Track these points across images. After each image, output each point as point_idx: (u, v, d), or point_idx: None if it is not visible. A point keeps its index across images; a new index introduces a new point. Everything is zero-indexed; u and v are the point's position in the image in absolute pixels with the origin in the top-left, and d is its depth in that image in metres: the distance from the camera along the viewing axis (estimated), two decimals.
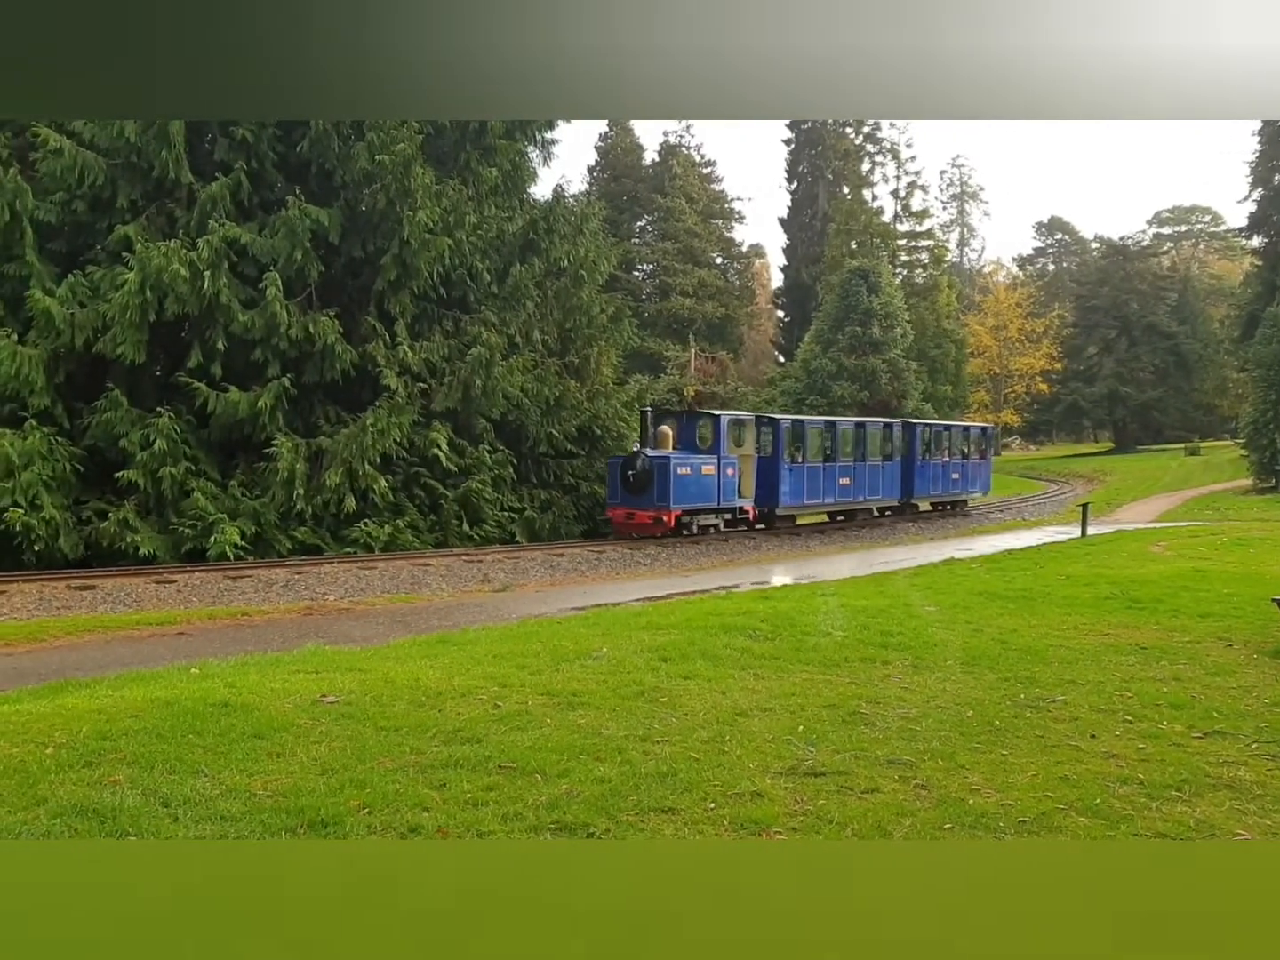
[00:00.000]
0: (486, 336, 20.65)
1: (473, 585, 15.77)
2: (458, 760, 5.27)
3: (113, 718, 6.00)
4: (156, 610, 12.44)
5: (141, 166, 18.09)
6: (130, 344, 16.85)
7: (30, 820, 4.34)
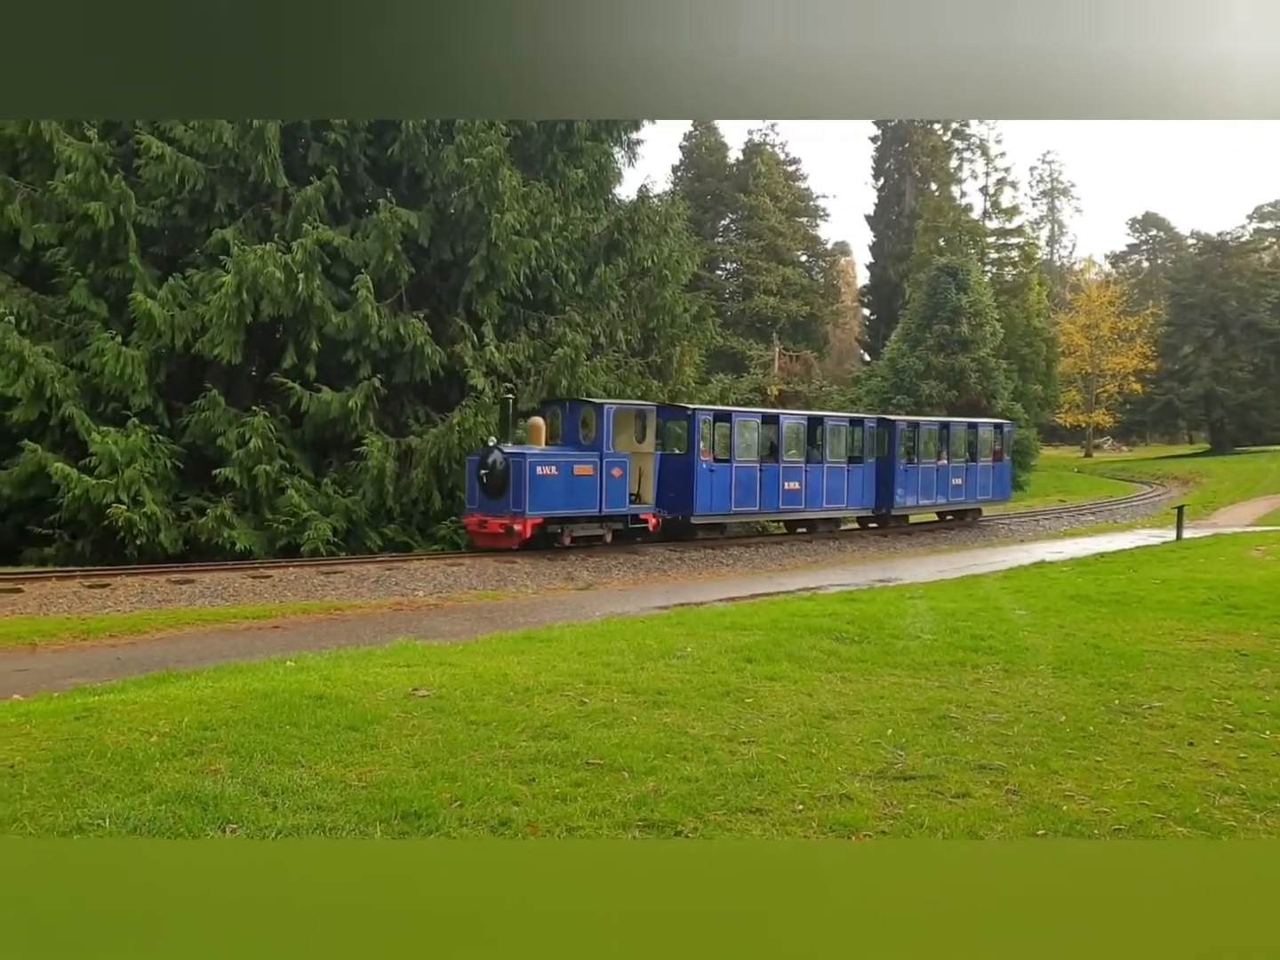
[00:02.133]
0: (571, 337, 20.84)
1: (556, 583, 15.91)
2: (546, 755, 5.33)
3: (213, 708, 6.18)
4: (253, 604, 12.78)
5: (238, 171, 18.61)
6: (227, 345, 17.35)
7: (137, 806, 4.49)
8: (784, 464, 21.26)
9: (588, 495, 17.59)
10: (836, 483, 22.67)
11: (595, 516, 17.94)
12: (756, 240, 57.69)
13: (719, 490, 19.96)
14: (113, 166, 18.04)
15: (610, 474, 17.83)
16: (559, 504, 17.22)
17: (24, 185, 18.51)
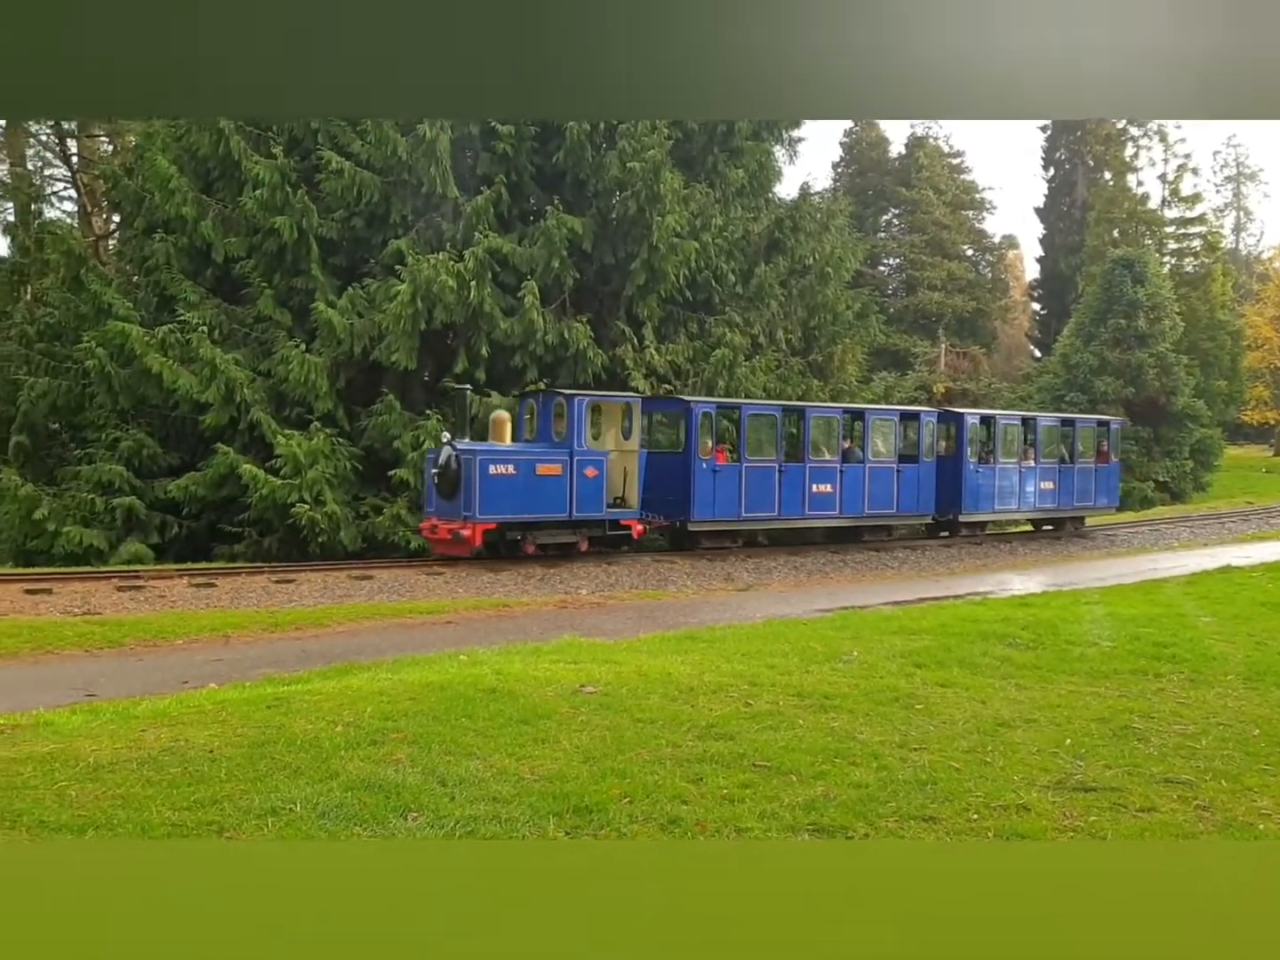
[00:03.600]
0: (730, 337, 20.84)
1: (716, 583, 15.93)
2: (712, 756, 5.36)
3: (393, 699, 6.45)
4: (427, 600, 13.25)
5: (412, 183, 19.31)
6: (403, 351, 18.04)
7: (325, 792, 4.72)
8: (811, 464, 18.71)
9: (554, 498, 15.52)
10: (882, 485, 19.72)
11: (565, 522, 15.88)
12: (920, 235, 56.35)
13: (725, 493, 17.57)
14: (296, 182, 19.00)
15: (583, 474, 15.70)
16: (516, 507, 15.19)
17: (216, 202, 19.67)
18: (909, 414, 21.16)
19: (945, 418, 21.92)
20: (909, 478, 20.18)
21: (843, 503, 19.16)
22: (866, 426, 19.74)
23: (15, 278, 23.89)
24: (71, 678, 8.61)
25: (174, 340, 18.06)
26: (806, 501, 18.63)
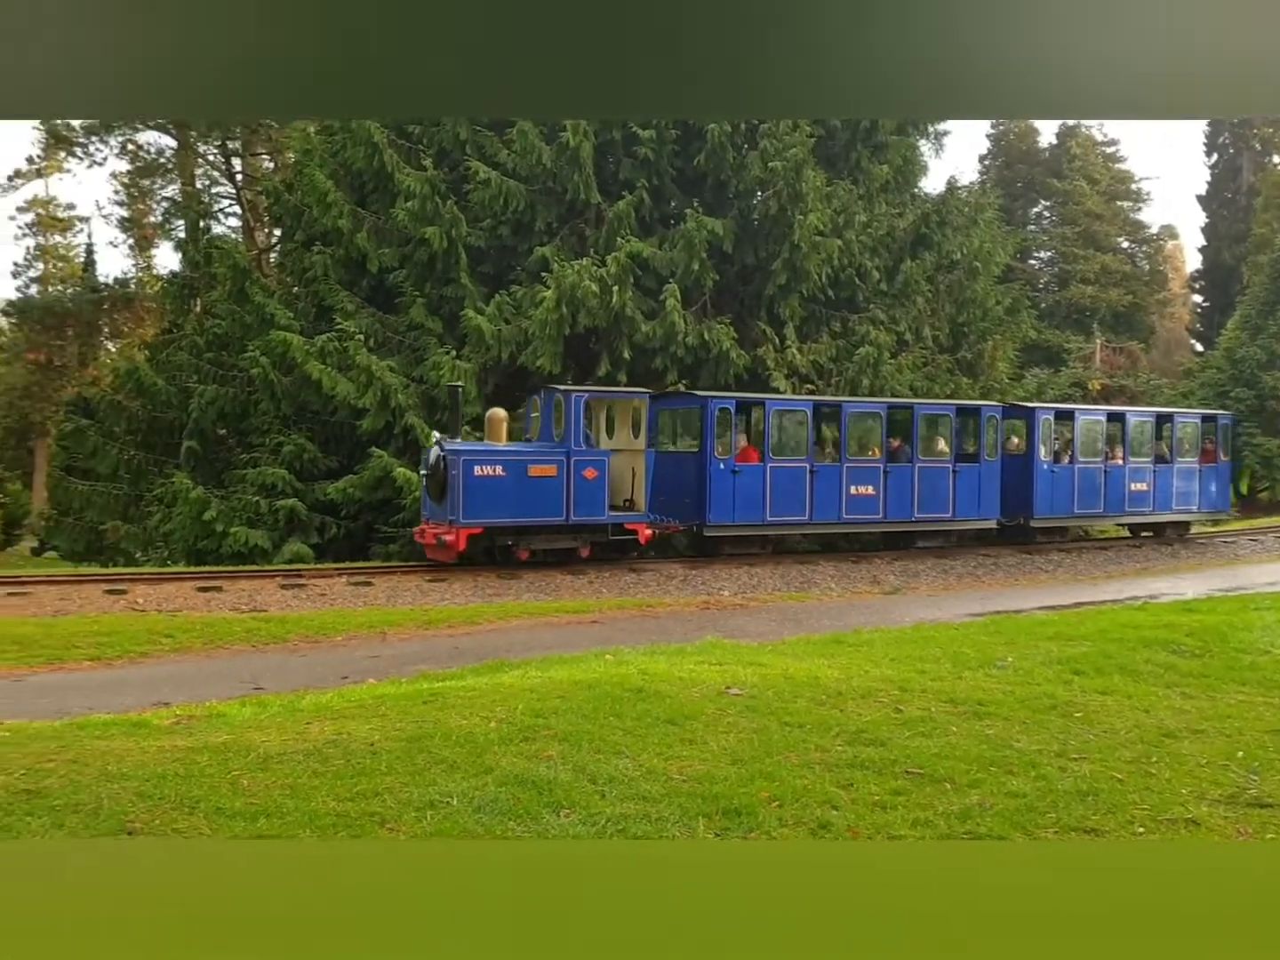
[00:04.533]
0: (875, 335, 20.52)
1: (862, 587, 15.70)
2: (863, 761, 5.29)
3: (543, 697, 6.57)
4: (572, 599, 13.45)
5: (556, 190, 19.65)
6: (548, 356, 18.37)
7: (480, 787, 4.84)
8: (849, 464, 17.41)
9: (548, 501, 14.66)
10: (934, 487, 18.13)
11: (562, 526, 15.03)
12: (1072, 227, 54.27)
13: (746, 496, 16.45)
14: (445, 193, 19.55)
15: (581, 475, 14.82)
16: (505, 511, 14.40)
17: (370, 214, 20.42)
18: (967, 409, 19.41)
19: (1013, 413, 20.35)
20: (968, 478, 18.51)
21: (887, 506, 17.68)
22: (915, 423, 18.10)
23: (186, 291, 25.30)
24: (240, 671, 9.06)
25: (332, 348, 18.80)
26: (844, 504, 17.27)
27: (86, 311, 40.67)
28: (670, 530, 16.64)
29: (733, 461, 16.40)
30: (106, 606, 11.75)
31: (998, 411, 19.26)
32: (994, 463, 18.84)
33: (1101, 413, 21.28)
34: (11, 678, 8.82)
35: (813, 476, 17.00)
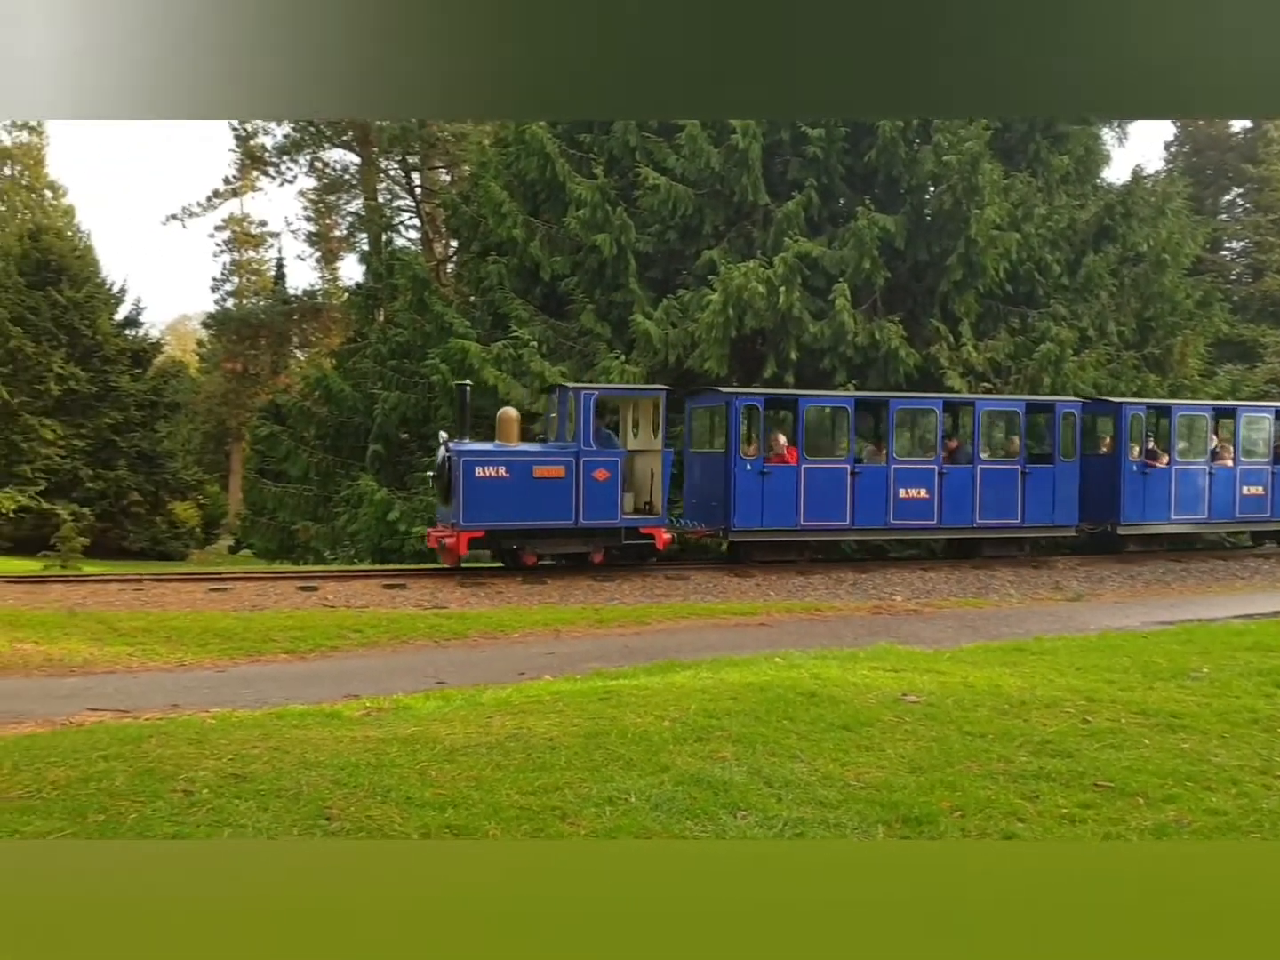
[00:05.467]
0: (1056, 331, 19.73)
1: (1043, 592, 15.12)
2: (1048, 773, 5.11)
3: (715, 698, 6.59)
4: (740, 601, 13.44)
5: (724, 193, 19.68)
6: (715, 358, 18.41)
7: (657, 785, 4.90)
8: (897, 465, 16.02)
9: (556, 504, 14.04)
10: (999, 490, 16.45)
11: (571, 530, 14.39)
12: (1266, 214, 50.89)
13: (776, 499, 15.27)
14: (615, 200, 19.84)
15: (591, 477, 14.17)
16: (508, 513, 13.89)
17: (543, 223, 20.91)
18: (1038, 405, 17.59)
19: (1096, 408, 18.30)
20: (1039, 481, 16.69)
21: (942, 510, 16.15)
22: (976, 421, 16.57)
23: (370, 302, 26.50)
24: (424, 666, 9.42)
25: (507, 355, 19.32)
26: (891, 509, 15.87)
27: (278, 322, 43.02)
28: (698, 535, 16.20)
29: (760, 462, 15.34)
30: (299, 603, 12.40)
31: (1075, 407, 17.32)
32: (1071, 463, 16.99)
33: (1207, 408, 19.11)
34: (215, 668, 9.43)
35: (854, 479, 15.68)
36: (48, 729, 6.42)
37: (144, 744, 5.37)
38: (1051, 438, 17.24)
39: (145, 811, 4.37)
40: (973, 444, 16.57)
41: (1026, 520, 16.71)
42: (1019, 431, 17.02)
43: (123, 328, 39.74)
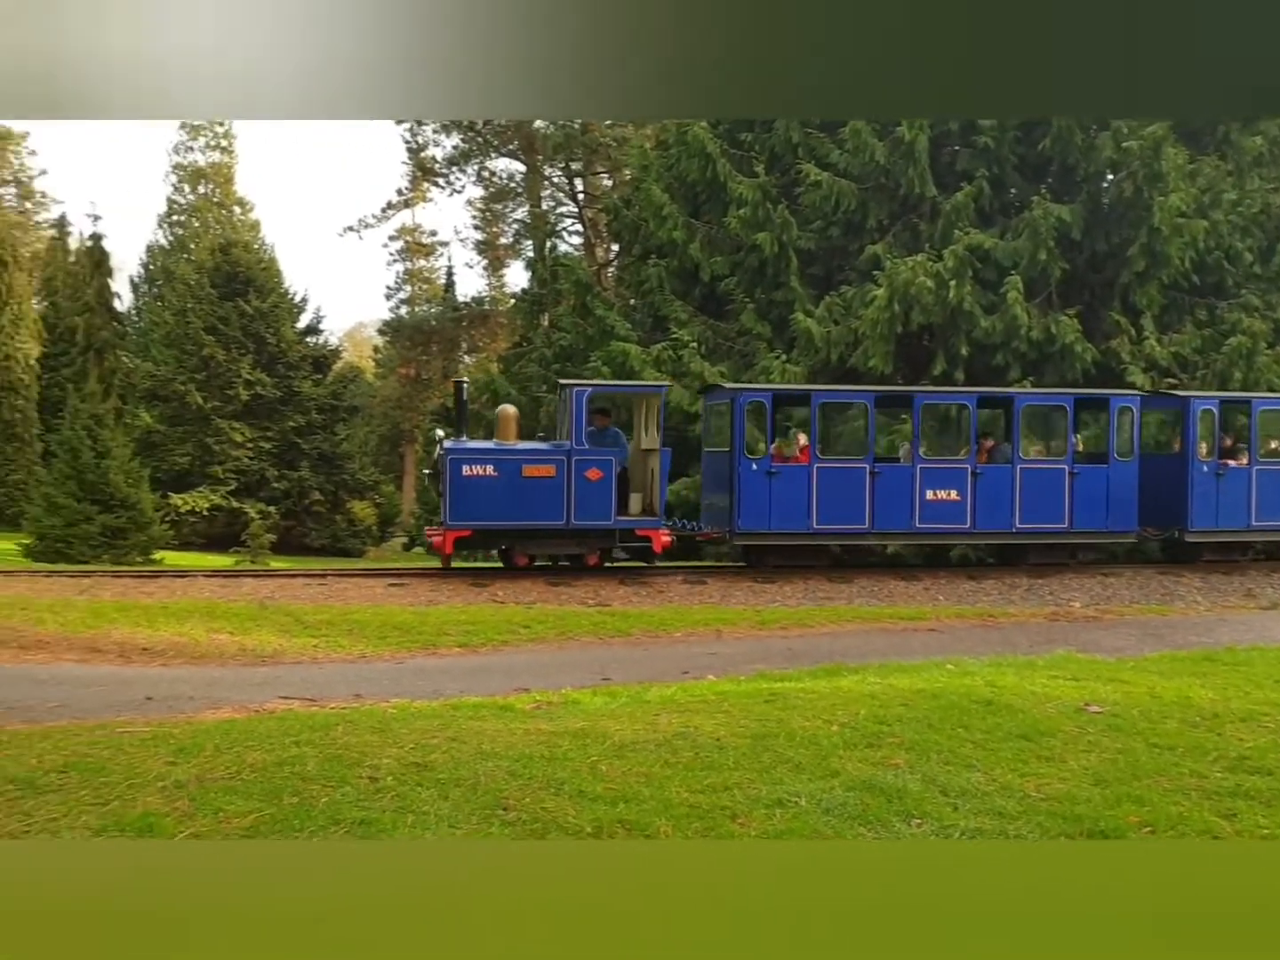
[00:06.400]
0: (1248, 324, 18.59)
1: (1234, 600, 14.26)
2: (1247, 791, 4.82)
3: (885, 703, 6.47)
4: (906, 605, 13.16)
5: (889, 187, 19.32)
6: (880, 356, 18.08)
7: (827, 789, 4.84)
8: (923, 464, 15.02)
9: (545, 504, 13.67)
10: (1043, 493, 15.13)
11: (561, 531, 14.01)
12: None
13: (785, 501, 14.45)
14: (776, 198, 19.72)
15: (582, 476, 13.72)
16: (496, 513, 13.60)
17: (703, 224, 20.96)
18: (1089, 399, 16.14)
19: (1159, 403, 16.85)
20: (1090, 482, 15.24)
21: (976, 514, 14.97)
22: (1015, 417, 15.30)
23: (535, 307, 27.10)
24: (589, 662, 9.57)
25: (666, 357, 19.45)
26: (917, 511, 14.81)
27: (448, 329, 44.48)
28: (705, 537, 15.72)
29: (768, 462, 14.65)
30: (471, 598, 12.78)
31: (1133, 402, 15.72)
32: (1128, 463, 15.47)
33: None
34: (394, 660, 9.81)
35: (874, 479, 14.74)
36: (243, 715, 6.79)
37: (331, 731, 5.63)
38: (1107, 436, 15.75)
39: (335, 796, 4.57)
40: (1012, 443, 15.38)
41: (1075, 525, 15.29)
42: (1066, 428, 15.59)
43: (304, 335, 41.82)
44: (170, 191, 53.34)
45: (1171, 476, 15.83)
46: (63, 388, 36.62)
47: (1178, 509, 15.81)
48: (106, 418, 28.88)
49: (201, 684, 8.43)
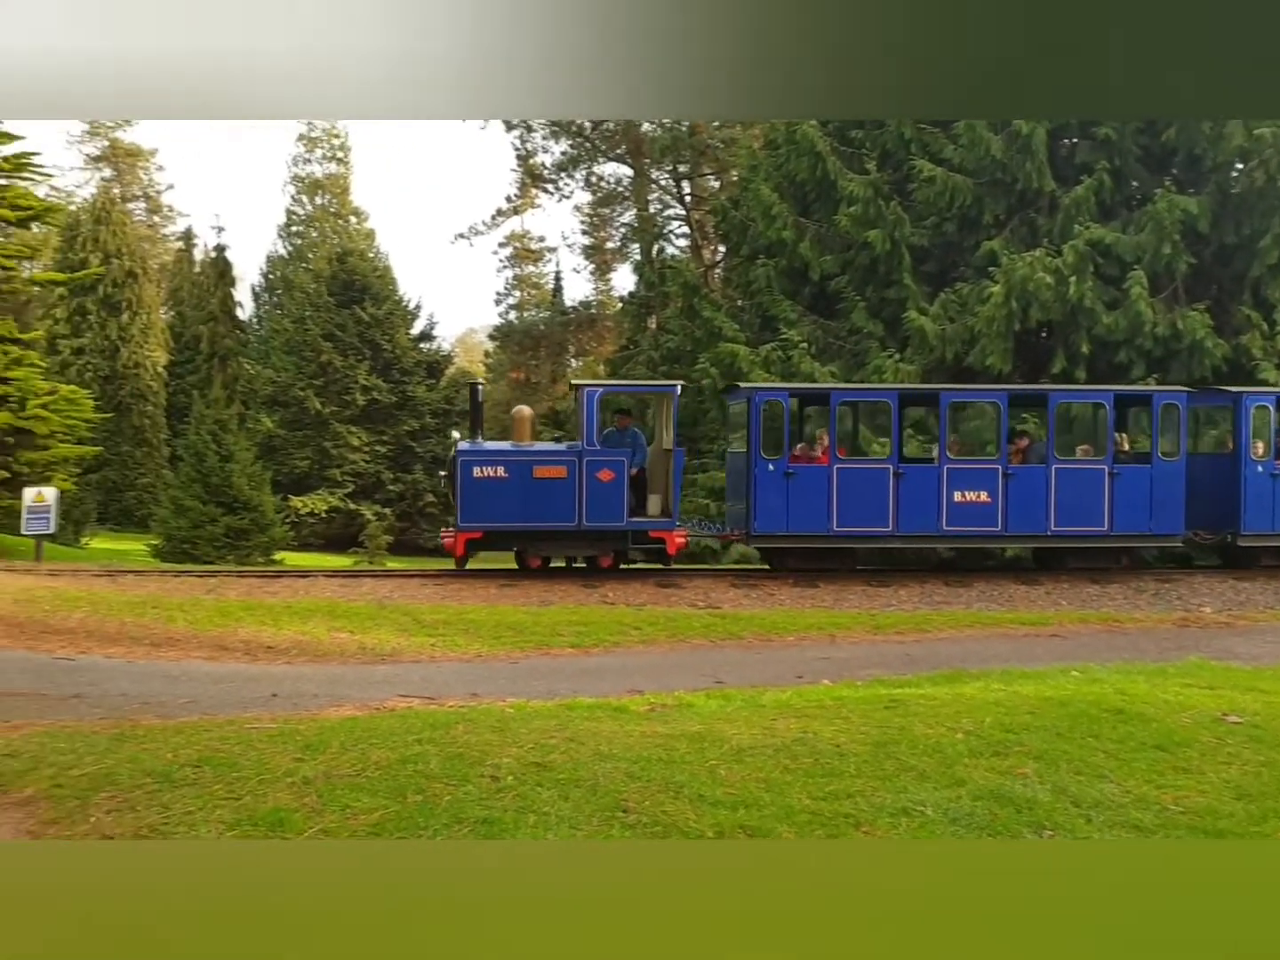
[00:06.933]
0: None
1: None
2: None
3: (1010, 711, 6.29)
4: (1028, 610, 12.80)
5: (1005, 181, 18.85)
6: (997, 354, 17.65)
7: (954, 799, 4.72)
8: (950, 465, 14.38)
9: (556, 505, 13.54)
10: (1080, 494, 14.27)
11: (572, 533, 13.82)
12: None
13: (804, 502, 14.01)
14: (888, 194, 19.41)
15: (594, 478, 13.58)
16: (507, 514, 13.54)
17: (812, 223, 20.75)
18: (1131, 397, 15.45)
19: (1209, 399, 15.90)
20: (1131, 483, 14.38)
21: (1007, 516, 14.24)
22: (1050, 416, 14.68)
23: (642, 310, 27.22)
24: (701, 664, 9.53)
25: (775, 357, 19.32)
26: (944, 514, 14.17)
27: (556, 333, 44.93)
28: (725, 539, 15.38)
29: (785, 463, 14.19)
30: (583, 599, 12.85)
31: (1179, 399, 14.75)
32: (1173, 463, 14.57)
33: None
34: (509, 660, 9.92)
35: (897, 480, 14.20)
36: (365, 712, 6.93)
37: (452, 730, 5.71)
38: (1152, 434, 14.81)
39: (457, 794, 4.63)
40: (1047, 442, 14.74)
41: (1115, 528, 14.44)
42: (1106, 427, 14.82)
43: (418, 341, 42.75)
44: (289, 203, 55.02)
45: (1224, 477, 15.04)
46: (188, 394, 38.14)
47: (1230, 512, 14.96)
48: (230, 423, 29.94)
49: (324, 681, 8.65)
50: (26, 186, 24.70)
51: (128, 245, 43.99)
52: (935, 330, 18.31)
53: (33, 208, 23.80)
